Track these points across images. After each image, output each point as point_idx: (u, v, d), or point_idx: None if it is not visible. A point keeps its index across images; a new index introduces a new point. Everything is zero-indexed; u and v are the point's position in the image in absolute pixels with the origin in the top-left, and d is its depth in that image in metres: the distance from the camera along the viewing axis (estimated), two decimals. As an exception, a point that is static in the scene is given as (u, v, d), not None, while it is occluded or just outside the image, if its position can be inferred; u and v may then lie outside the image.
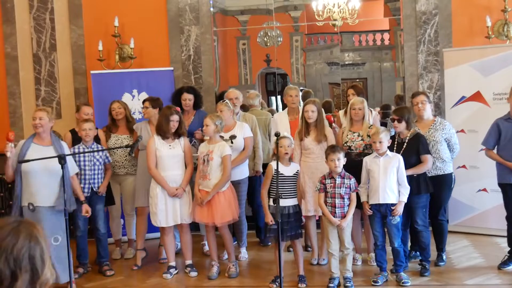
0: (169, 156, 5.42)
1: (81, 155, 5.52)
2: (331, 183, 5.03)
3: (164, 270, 5.63)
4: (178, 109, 5.64)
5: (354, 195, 5.06)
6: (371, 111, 5.95)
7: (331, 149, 5.06)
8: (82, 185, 5.49)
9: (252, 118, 6.23)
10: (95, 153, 5.60)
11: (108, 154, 5.80)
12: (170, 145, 5.46)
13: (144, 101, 6.13)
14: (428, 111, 5.53)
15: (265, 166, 5.68)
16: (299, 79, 9.07)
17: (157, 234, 6.31)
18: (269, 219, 5.05)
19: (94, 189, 5.58)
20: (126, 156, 6.09)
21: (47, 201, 4.98)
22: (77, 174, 5.38)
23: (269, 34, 8.74)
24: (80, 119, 5.96)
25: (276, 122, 6.16)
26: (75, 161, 5.43)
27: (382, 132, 5.05)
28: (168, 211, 5.42)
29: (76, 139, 5.80)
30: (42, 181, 4.99)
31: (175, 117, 5.43)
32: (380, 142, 5.00)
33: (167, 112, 5.45)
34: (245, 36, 8.98)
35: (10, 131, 5.28)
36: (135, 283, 5.51)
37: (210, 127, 5.29)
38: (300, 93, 6.34)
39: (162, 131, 5.44)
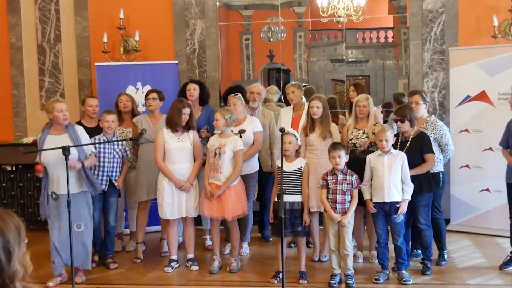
0: (177, 149, 5.40)
1: (101, 147, 5.49)
2: (333, 179, 5.03)
3: (165, 263, 5.63)
4: (190, 102, 5.62)
5: (356, 192, 5.04)
6: None
7: (332, 146, 5.07)
8: (100, 177, 5.48)
9: (270, 114, 6.20)
10: (115, 146, 5.59)
11: (127, 148, 5.76)
12: (179, 138, 5.43)
13: (150, 92, 6.03)
14: (421, 111, 5.49)
15: None
16: (302, 75, 9.06)
17: (158, 228, 6.32)
18: (270, 216, 5.24)
19: (113, 181, 5.57)
20: (129, 149, 6.07)
21: (66, 190, 4.92)
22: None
23: (272, 30, 8.73)
24: (86, 111, 5.94)
25: (281, 117, 6.14)
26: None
27: (388, 130, 5.05)
28: (174, 204, 5.41)
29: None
30: (59, 171, 4.99)
31: (186, 110, 5.40)
32: (386, 140, 4.99)
33: (179, 105, 5.42)
34: (249, 31, 8.97)
35: (37, 166, 5.18)
36: (136, 276, 5.50)
37: (220, 121, 5.27)
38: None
39: (174, 124, 5.41)
